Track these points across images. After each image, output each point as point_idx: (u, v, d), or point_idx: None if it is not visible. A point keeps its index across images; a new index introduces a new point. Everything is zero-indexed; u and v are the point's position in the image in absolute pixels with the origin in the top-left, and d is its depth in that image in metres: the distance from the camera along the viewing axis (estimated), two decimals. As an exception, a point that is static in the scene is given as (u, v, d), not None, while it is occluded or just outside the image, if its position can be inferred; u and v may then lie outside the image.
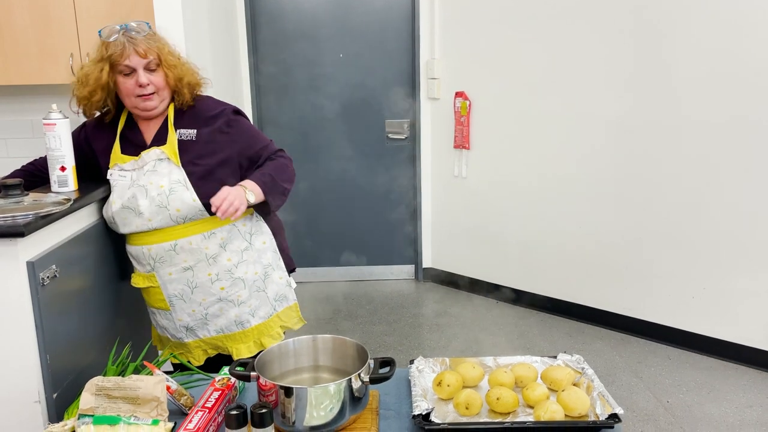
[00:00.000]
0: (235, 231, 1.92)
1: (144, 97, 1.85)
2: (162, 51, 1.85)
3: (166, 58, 1.85)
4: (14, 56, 3.33)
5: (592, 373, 1.50)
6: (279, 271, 2.03)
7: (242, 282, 1.94)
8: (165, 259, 1.88)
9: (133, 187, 1.85)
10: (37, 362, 1.57)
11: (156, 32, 1.89)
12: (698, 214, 3.36)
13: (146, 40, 1.83)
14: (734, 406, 2.96)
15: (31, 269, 1.54)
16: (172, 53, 1.89)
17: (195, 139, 1.89)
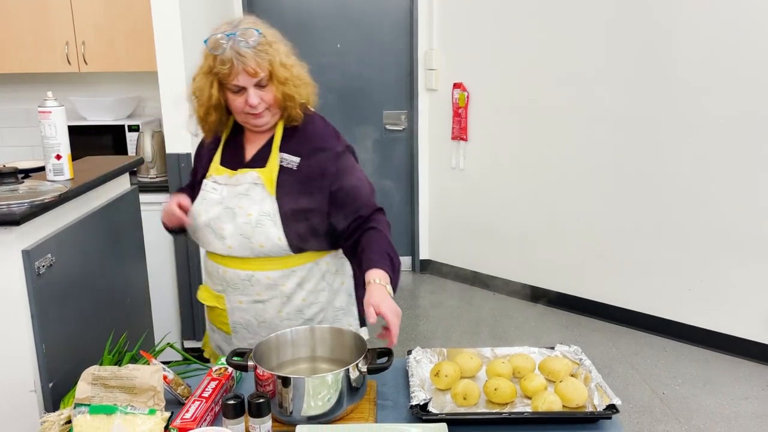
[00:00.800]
0: (316, 269, 1.71)
1: (254, 116, 1.62)
2: (274, 63, 1.58)
3: (278, 72, 1.58)
4: (9, 44, 3.30)
5: (590, 364, 1.49)
6: (349, 317, 1.80)
7: (311, 322, 1.73)
8: (238, 287, 1.69)
9: (221, 205, 1.66)
10: (33, 352, 1.56)
11: (267, 36, 1.60)
12: (695, 206, 3.36)
13: (256, 54, 1.56)
14: (730, 398, 2.97)
15: (27, 258, 1.53)
16: (285, 64, 1.60)
17: (296, 169, 1.64)
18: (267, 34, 1.61)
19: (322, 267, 1.72)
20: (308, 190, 1.64)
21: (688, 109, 3.31)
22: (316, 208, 1.65)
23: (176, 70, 2.94)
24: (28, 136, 3.78)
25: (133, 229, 2.25)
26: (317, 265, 1.71)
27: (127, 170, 2.22)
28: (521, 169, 3.99)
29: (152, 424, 1.24)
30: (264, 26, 1.63)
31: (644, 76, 3.42)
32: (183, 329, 3.20)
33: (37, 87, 3.71)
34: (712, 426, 2.76)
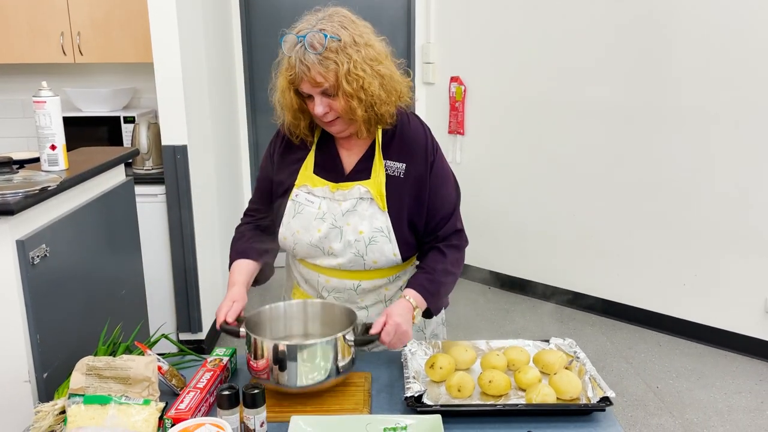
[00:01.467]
0: (399, 277, 1.66)
1: (326, 123, 1.51)
2: (340, 72, 1.42)
3: (343, 83, 1.42)
4: (4, 34, 3.28)
5: (584, 357, 1.50)
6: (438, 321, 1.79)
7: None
8: (342, 295, 1.62)
9: (326, 223, 1.54)
10: (27, 342, 1.56)
11: (343, 40, 1.44)
12: (690, 201, 3.37)
13: (320, 63, 1.42)
14: (723, 392, 2.98)
15: (21, 248, 1.52)
16: (354, 74, 1.43)
17: (403, 177, 1.54)
18: (344, 35, 1.44)
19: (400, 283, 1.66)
20: (416, 195, 1.55)
21: (683, 103, 3.31)
22: (421, 220, 1.57)
23: (172, 62, 2.93)
24: (23, 127, 3.76)
25: (128, 220, 2.25)
26: (400, 277, 1.65)
27: (123, 161, 2.22)
28: (518, 163, 3.99)
29: (147, 414, 1.24)
30: (353, 23, 1.50)
31: (642, 70, 3.42)
32: (178, 321, 3.20)
33: (32, 78, 3.69)
34: (705, 420, 2.77)
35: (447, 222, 1.58)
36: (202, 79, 3.33)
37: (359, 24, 1.52)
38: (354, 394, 1.42)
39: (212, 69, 3.54)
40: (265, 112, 4.37)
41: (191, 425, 1.19)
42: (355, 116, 1.47)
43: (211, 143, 3.49)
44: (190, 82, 3.07)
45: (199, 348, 3.20)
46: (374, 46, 1.50)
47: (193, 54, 3.15)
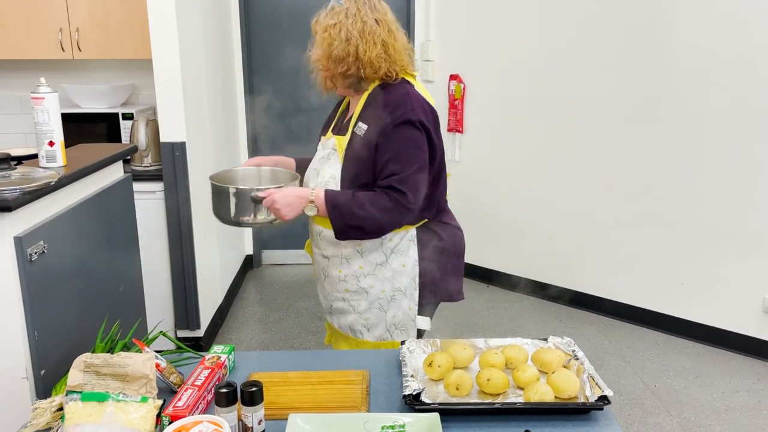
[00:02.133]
0: (384, 240, 1.78)
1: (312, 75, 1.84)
2: (320, 26, 1.76)
3: (321, 34, 1.74)
4: (2, 30, 3.27)
5: (583, 356, 1.50)
6: (409, 300, 1.84)
7: (365, 293, 1.81)
8: (315, 240, 1.89)
9: (313, 166, 1.87)
10: (25, 338, 1.55)
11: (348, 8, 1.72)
12: (689, 200, 3.37)
13: (326, 16, 1.76)
14: (720, 391, 2.99)
15: (19, 245, 1.52)
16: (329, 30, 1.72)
17: (362, 137, 1.72)
18: (351, 7, 1.72)
19: (386, 244, 1.79)
20: (365, 158, 1.72)
21: (683, 102, 3.31)
22: (368, 176, 1.73)
23: (171, 58, 2.92)
24: (22, 123, 3.76)
25: (127, 217, 2.24)
26: (384, 239, 1.78)
27: (121, 158, 2.21)
28: (517, 162, 3.99)
29: (144, 411, 1.24)
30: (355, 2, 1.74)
31: (642, 70, 3.42)
32: (176, 318, 3.20)
33: (30, 74, 3.68)
34: (702, 419, 2.77)
35: (390, 177, 1.69)
36: (201, 75, 3.32)
37: (387, 13, 1.77)
38: (352, 392, 1.42)
39: (211, 66, 3.53)
40: (263, 108, 4.36)
41: (189, 423, 1.19)
42: (321, 69, 1.80)
43: (210, 140, 3.48)
44: (189, 78, 3.07)
45: (196, 345, 3.20)
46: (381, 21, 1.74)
47: (192, 51, 3.14)
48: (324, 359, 1.60)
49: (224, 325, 3.68)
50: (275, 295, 4.11)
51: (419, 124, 1.70)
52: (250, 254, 4.55)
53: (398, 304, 1.83)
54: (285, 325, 3.68)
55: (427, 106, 1.76)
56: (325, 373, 1.51)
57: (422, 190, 1.73)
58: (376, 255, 1.79)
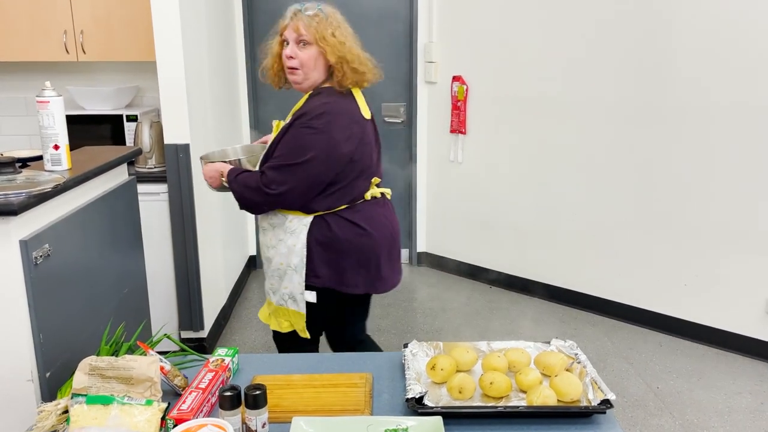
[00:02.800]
0: (285, 221, 2.05)
1: (290, 70, 2.02)
2: (319, 31, 1.97)
3: (321, 39, 1.97)
4: (6, 32, 3.29)
5: (585, 359, 1.50)
6: (299, 276, 2.06)
7: (270, 262, 2.13)
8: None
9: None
10: (30, 341, 1.56)
11: (328, 16, 2.01)
12: (692, 201, 3.37)
13: (307, 21, 1.98)
14: (723, 393, 2.99)
15: (24, 248, 1.53)
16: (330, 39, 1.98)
17: (281, 130, 2.02)
18: (330, 15, 2.02)
19: (287, 224, 2.06)
20: (273, 144, 2.02)
21: (685, 102, 3.31)
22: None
23: (175, 60, 2.93)
24: (26, 125, 3.77)
25: (131, 219, 2.25)
26: (287, 219, 2.05)
27: (125, 161, 2.22)
28: (519, 163, 3.99)
29: (149, 414, 1.25)
30: (333, 12, 2.04)
31: (643, 69, 3.42)
32: (180, 320, 3.20)
33: (34, 76, 3.69)
34: (705, 420, 2.77)
35: (268, 163, 2.00)
36: (205, 77, 3.33)
37: (342, 23, 2.06)
38: (355, 395, 1.43)
39: (215, 67, 3.54)
40: (267, 110, 4.37)
41: (193, 426, 1.20)
42: (310, 70, 2.00)
43: (214, 142, 3.49)
44: (192, 80, 3.08)
45: (200, 346, 3.21)
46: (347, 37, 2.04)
47: (196, 53, 3.15)
48: (327, 362, 1.61)
49: (228, 326, 3.69)
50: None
51: (319, 132, 1.93)
52: (254, 255, 4.56)
53: (290, 277, 2.08)
54: (288, 326, 3.68)
55: (349, 119, 2.00)
56: (329, 375, 1.52)
57: (291, 184, 1.95)
58: (278, 232, 2.08)
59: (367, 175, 2.09)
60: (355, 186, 2.06)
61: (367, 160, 2.07)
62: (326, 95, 2.00)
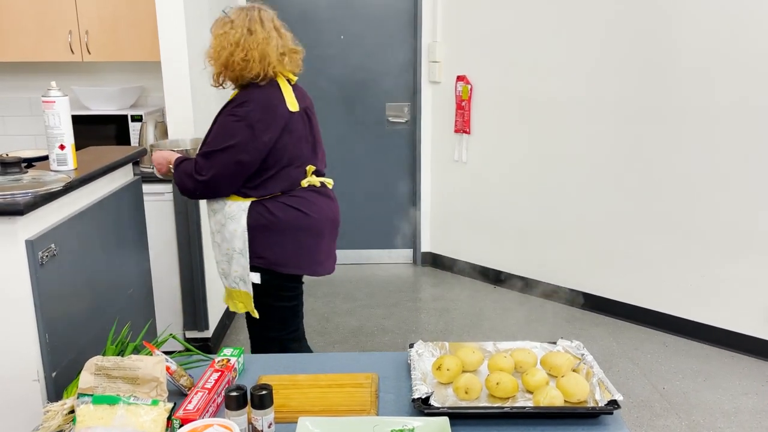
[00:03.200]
0: (225, 206, 2.16)
1: None
2: (213, 33, 2.18)
3: (213, 41, 2.17)
4: (12, 32, 3.29)
5: (592, 360, 1.50)
6: (243, 260, 2.17)
7: (218, 247, 2.23)
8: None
9: None
10: (36, 341, 1.57)
11: (222, 18, 2.17)
12: (698, 201, 3.36)
13: (217, 25, 2.19)
14: (730, 393, 2.97)
15: (30, 248, 1.53)
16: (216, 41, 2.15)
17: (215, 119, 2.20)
18: (232, 14, 2.15)
19: (226, 209, 2.16)
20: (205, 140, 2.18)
21: (691, 103, 3.30)
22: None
23: (180, 60, 2.93)
24: (32, 124, 3.78)
25: (136, 219, 2.25)
26: (226, 204, 2.16)
27: (131, 161, 2.23)
28: (524, 163, 3.98)
29: (155, 414, 1.24)
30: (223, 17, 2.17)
31: (650, 70, 3.41)
32: (185, 320, 3.21)
33: (40, 76, 3.70)
34: (711, 421, 2.76)
35: (200, 150, 2.15)
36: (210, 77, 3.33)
37: (266, 24, 2.18)
38: (361, 395, 1.43)
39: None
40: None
41: (199, 426, 1.20)
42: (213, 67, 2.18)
43: (218, 142, 3.49)
44: (197, 80, 3.08)
45: (205, 346, 3.21)
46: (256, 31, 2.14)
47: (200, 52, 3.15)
48: (333, 362, 1.61)
49: (232, 325, 3.69)
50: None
51: (240, 119, 2.07)
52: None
53: (237, 260, 2.18)
54: (293, 326, 3.68)
55: (269, 109, 2.10)
56: (335, 376, 1.51)
57: (217, 169, 2.08)
58: (219, 217, 2.18)
59: (297, 164, 2.18)
60: (287, 174, 2.16)
61: (294, 149, 2.16)
62: (252, 88, 2.13)
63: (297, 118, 2.18)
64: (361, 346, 3.44)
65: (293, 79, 2.27)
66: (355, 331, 3.61)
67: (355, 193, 4.53)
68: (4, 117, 3.80)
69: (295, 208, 2.17)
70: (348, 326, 3.68)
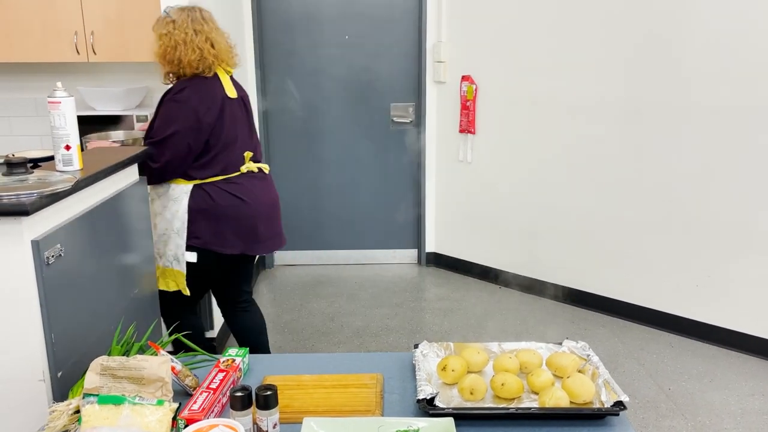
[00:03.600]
0: (169, 189, 2.37)
1: None
2: (156, 33, 2.36)
3: (157, 41, 2.36)
4: (18, 33, 3.30)
5: (598, 360, 1.49)
6: (179, 239, 2.38)
7: (156, 228, 2.40)
8: None
9: None
10: (42, 341, 1.57)
11: (171, 15, 2.35)
12: (704, 201, 3.35)
13: (159, 24, 2.38)
14: (736, 394, 2.96)
15: (36, 248, 1.53)
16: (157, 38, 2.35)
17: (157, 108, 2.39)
18: (174, 15, 2.35)
19: (170, 192, 2.36)
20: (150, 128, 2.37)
21: (697, 102, 3.29)
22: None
23: (185, 61, 2.93)
24: (37, 125, 3.79)
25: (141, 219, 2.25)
26: (170, 187, 2.36)
27: (136, 161, 2.22)
28: (529, 163, 3.97)
29: (160, 414, 1.25)
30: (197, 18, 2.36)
31: (655, 70, 3.39)
32: (190, 319, 3.21)
33: (45, 77, 3.71)
34: (718, 422, 2.75)
35: (148, 138, 2.34)
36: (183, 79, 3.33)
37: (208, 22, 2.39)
38: (366, 395, 1.43)
39: (224, 68, 3.54)
40: (277, 103, 4.38)
41: (205, 426, 1.20)
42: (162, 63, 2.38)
43: (223, 142, 3.50)
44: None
45: (210, 346, 3.21)
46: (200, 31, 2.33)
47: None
48: (337, 362, 1.61)
49: (237, 326, 3.69)
50: (287, 296, 4.12)
51: (182, 103, 2.26)
52: (263, 255, 4.56)
53: (174, 240, 2.37)
54: (297, 326, 3.69)
55: (207, 93, 2.32)
56: (339, 376, 1.51)
57: (171, 153, 2.28)
58: (164, 200, 2.37)
59: (233, 148, 2.39)
60: (225, 157, 2.38)
61: (232, 131, 2.38)
62: (190, 77, 2.35)
63: (236, 104, 2.43)
64: (366, 347, 3.44)
65: (230, 71, 2.48)
66: (359, 332, 3.61)
67: (360, 194, 4.53)
68: (9, 117, 3.81)
69: (233, 195, 2.39)
70: (352, 326, 3.68)
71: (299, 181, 4.51)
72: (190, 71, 2.34)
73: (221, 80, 2.40)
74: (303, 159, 4.48)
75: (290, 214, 4.55)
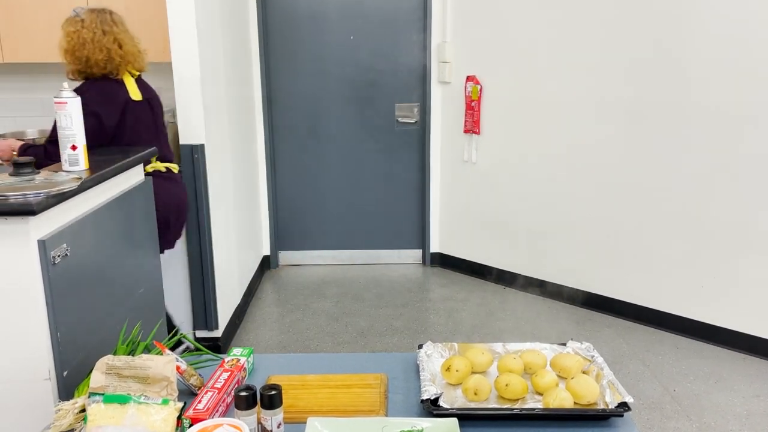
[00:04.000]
0: None
1: None
2: (64, 30, 2.45)
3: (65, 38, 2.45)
4: (24, 34, 3.32)
5: (602, 361, 1.49)
6: None
7: None
8: None
9: None
10: (48, 340, 1.58)
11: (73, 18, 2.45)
12: (709, 202, 3.34)
13: (68, 23, 2.47)
14: (741, 395, 2.95)
15: (42, 248, 1.54)
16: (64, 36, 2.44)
17: None
18: (83, 15, 2.43)
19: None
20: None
21: (702, 103, 3.28)
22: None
23: (190, 61, 2.94)
24: (43, 125, 3.80)
25: (147, 219, 2.26)
26: None
27: (141, 161, 2.24)
28: (533, 163, 3.97)
29: (165, 414, 1.25)
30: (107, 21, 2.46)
31: (659, 70, 3.39)
32: (195, 320, 3.22)
33: (51, 77, 3.71)
34: (723, 423, 2.74)
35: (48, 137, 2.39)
36: (220, 78, 3.35)
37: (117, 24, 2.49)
38: (370, 395, 1.43)
39: (230, 68, 3.55)
40: (281, 103, 4.38)
41: (209, 426, 1.20)
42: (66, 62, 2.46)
43: (229, 142, 3.51)
44: (207, 81, 3.09)
45: (215, 346, 3.22)
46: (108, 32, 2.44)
47: (211, 53, 3.16)
48: (342, 362, 1.61)
49: (242, 325, 3.70)
50: (292, 296, 4.12)
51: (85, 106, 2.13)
52: (268, 255, 4.57)
53: None
54: (302, 326, 3.69)
55: (109, 96, 2.42)
56: (344, 376, 1.52)
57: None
58: None
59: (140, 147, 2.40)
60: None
61: (134, 133, 2.46)
62: (95, 79, 2.42)
63: (141, 107, 2.51)
64: (370, 347, 3.45)
65: (136, 74, 2.56)
66: (364, 332, 3.62)
67: (365, 194, 4.53)
68: (16, 118, 3.83)
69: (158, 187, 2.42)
70: (357, 326, 3.68)
71: (303, 181, 4.51)
72: (98, 71, 2.42)
73: (125, 82, 2.48)
74: (308, 159, 4.48)
75: (294, 213, 4.56)
